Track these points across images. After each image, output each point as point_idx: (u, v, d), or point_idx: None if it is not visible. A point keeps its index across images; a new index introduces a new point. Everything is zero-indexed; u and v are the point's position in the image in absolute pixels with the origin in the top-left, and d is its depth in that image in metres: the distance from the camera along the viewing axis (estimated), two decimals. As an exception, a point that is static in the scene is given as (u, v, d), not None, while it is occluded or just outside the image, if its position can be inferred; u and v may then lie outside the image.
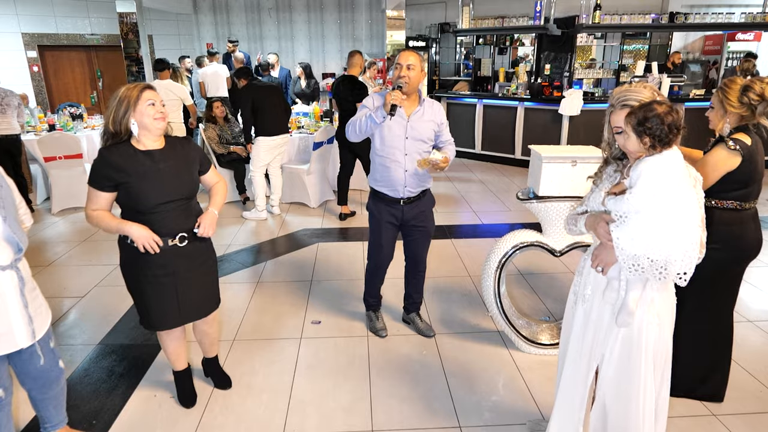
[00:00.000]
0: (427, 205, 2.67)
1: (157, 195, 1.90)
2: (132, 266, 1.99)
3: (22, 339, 1.70)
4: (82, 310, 3.21)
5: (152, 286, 1.99)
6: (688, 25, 6.97)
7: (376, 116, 2.37)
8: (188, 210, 2.03)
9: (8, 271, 1.64)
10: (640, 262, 1.41)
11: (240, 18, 9.86)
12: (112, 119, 1.86)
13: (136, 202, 1.89)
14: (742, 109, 1.97)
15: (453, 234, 4.53)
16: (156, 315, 2.05)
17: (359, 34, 10.04)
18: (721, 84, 2.06)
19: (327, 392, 2.42)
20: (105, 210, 1.93)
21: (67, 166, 5.08)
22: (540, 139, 6.57)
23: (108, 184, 1.87)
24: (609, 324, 1.58)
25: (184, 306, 2.08)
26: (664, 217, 1.38)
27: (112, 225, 1.90)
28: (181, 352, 2.27)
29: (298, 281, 3.60)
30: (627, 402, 1.59)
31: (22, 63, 8.68)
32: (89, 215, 1.92)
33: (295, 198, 5.36)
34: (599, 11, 6.54)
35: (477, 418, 2.24)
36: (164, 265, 1.98)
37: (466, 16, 7.80)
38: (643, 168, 1.42)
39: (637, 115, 1.42)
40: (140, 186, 1.87)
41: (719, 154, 1.96)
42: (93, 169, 1.89)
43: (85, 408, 2.30)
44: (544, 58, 7.18)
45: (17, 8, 8.56)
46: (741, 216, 2.06)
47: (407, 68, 2.39)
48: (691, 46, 9.12)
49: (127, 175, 1.86)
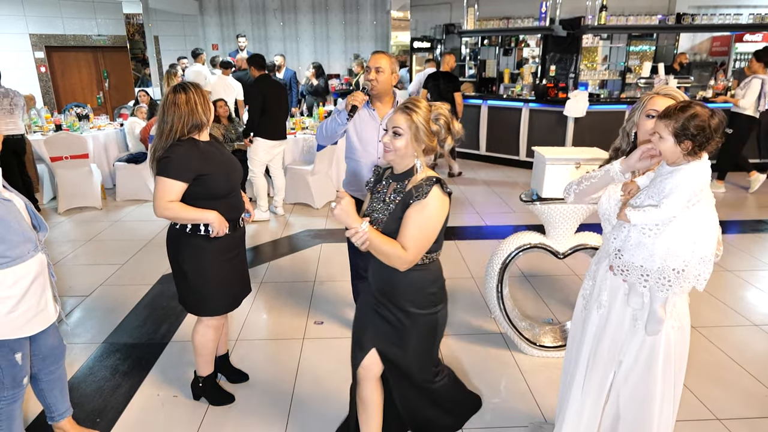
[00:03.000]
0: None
1: (230, 180, 2.07)
2: (202, 255, 2.06)
3: (53, 315, 1.85)
4: (87, 309, 3.24)
5: (222, 268, 2.11)
6: (695, 26, 6.93)
7: (339, 118, 2.42)
8: (241, 197, 2.19)
9: (41, 253, 1.78)
10: (666, 274, 1.41)
11: (245, 19, 9.90)
12: (185, 122, 1.96)
13: (213, 189, 2.00)
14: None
15: (456, 235, 4.52)
16: (224, 296, 2.17)
17: (364, 35, 10.06)
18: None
19: (329, 393, 2.42)
20: (179, 201, 1.98)
21: (73, 166, 5.12)
22: (545, 140, 6.55)
23: (190, 175, 1.95)
24: (629, 330, 1.55)
25: (241, 284, 2.26)
26: (693, 226, 1.38)
27: (191, 214, 1.98)
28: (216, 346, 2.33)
29: (301, 282, 3.61)
30: (642, 407, 1.56)
31: (29, 63, 8.76)
32: (166, 207, 1.94)
33: (299, 199, 5.37)
34: (605, 12, 6.51)
35: (479, 420, 2.23)
36: (235, 246, 2.16)
37: (471, 17, 7.80)
38: (683, 178, 1.37)
39: (679, 118, 1.34)
40: (219, 174, 2.01)
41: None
42: (173, 163, 1.92)
43: (89, 406, 2.31)
44: (549, 60, 7.16)
45: (25, 10, 8.64)
46: None
47: (376, 71, 2.40)
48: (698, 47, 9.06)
49: (210, 165, 1.98)
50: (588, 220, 2.50)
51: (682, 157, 1.38)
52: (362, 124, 2.48)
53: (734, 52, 8.57)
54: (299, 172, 5.24)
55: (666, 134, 1.37)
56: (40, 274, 1.77)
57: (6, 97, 4.79)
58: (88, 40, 9.17)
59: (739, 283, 3.53)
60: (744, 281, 3.55)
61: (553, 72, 7.03)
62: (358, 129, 2.48)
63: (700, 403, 2.30)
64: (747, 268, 3.74)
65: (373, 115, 2.47)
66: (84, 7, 9.02)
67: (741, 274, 3.64)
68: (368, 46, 10.06)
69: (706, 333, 2.86)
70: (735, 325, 3.00)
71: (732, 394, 2.36)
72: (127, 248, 4.19)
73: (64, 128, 5.71)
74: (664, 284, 1.42)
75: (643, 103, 1.58)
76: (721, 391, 2.39)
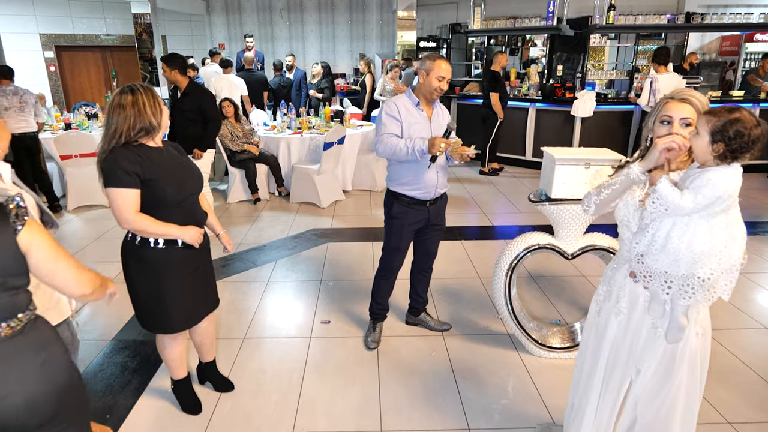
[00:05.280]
0: (444, 204, 2.70)
1: (184, 188, 1.92)
2: (158, 269, 1.93)
3: (67, 309, 1.85)
4: (96, 306, 3.26)
5: (179, 285, 1.97)
6: (704, 25, 6.87)
7: (419, 155, 2.34)
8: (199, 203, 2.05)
9: None
10: (691, 282, 1.38)
11: (252, 19, 9.94)
12: (131, 125, 1.81)
13: (162, 197, 1.84)
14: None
15: (463, 236, 4.51)
16: (179, 314, 2.03)
17: (370, 35, 10.06)
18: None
19: (336, 392, 2.43)
20: (143, 213, 1.84)
21: (82, 165, 5.16)
22: (551, 140, 6.52)
23: (137, 179, 1.80)
24: (648, 337, 1.52)
25: (203, 300, 2.13)
26: (723, 234, 1.34)
27: (161, 229, 1.84)
28: (184, 358, 2.27)
29: (307, 281, 3.62)
30: (660, 414, 1.54)
31: (39, 63, 8.83)
32: (132, 219, 1.81)
33: (305, 198, 5.38)
34: (613, 11, 6.47)
35: (486, 420, 2.23)
36: (193, 261, 2.00)
37: (477, 16, 7.77)
38: (712, 177, 1.31)
39: (720, 119, 1.29)
40: (168, 180, 1.86)
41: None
42: (116, 170, 1.77)
43: (99, 403, 2.33)
44: (556, 59, 7.13)
45: (36, 9, 8.72)
46: None
47: (447, 82, 2.42)
48: (708, 47, 8.98)
49: (157, 171, 1.83)
50: (597, 221, 2.48)
51: (712, 159, 1.32)
52: (414, 125, 2.46)
53: (744, 52, 8.48)
54: (305, 172, 5.25)
55: (704, 131, 1.32)
56: None
57: (16, 95, 4.84)
58: (97, 40, 9.24)
59: (750, 285, 3.49)
60: (754, 283, 3.52)
61: (560, 72, 7.00)
62: (410, 131, 2.46)
63: (710, 407, 2.28)
64: (757, 270, 3.71)
65: (423, 115, 2.49)
66: (93, 7, 9.08)
67: (751, 276, 3.61)
68: (374, 45, 10.06)
69: (716, 335, 2.81)
70: (745, 327, 2.97)
71: (743, 398, 2.34)
72: (135, 246, 4.22)
73: (73, 127, 5.75)
74: (687, 292, 1.38)
75: (657, 109, 1.51)
76: (732, 395, 2.37)
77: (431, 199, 2.57)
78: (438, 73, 2.40)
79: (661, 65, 5.66)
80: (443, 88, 2.44)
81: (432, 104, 2.56)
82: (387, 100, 2.54)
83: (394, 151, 2.39)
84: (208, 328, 2.30)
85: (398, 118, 2.44)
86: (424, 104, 2.51)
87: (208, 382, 2.46)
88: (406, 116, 2.46)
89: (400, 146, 2.37)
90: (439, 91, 2.43)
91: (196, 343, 2.34)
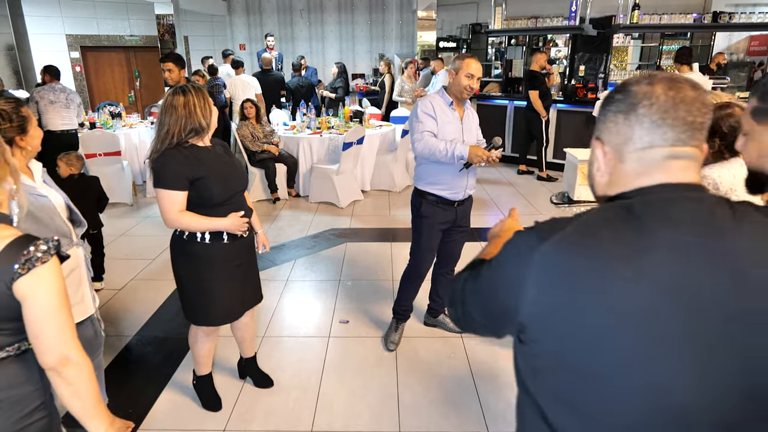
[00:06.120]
0: (470, 206, 2.70)
1: (229, 186, 1.99)
2: (204, 264, 2.01)
3: (91, 307, 1.89)
4: (119, 303, 3.32)
5: (225, 279, 2.05)
6: (731, 25, 6.67)
7: (456, 160, 2.36)
8: (245, 200, 2.12)
9: (76, 248, 1.82)
10: None
11: (272, 19, 10.03)
12: (183, 126, 1.87)
13: (209, 195, 1.91)
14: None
15: (482, 237, 4.47)
16: (223, 308, 2.11)
17: (389, 35, 10.06)
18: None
19: (355, 392, 2.43)
20: (187, 211, 1.93)
21: (106, 163, 5.27)
22: (573, 141, 6.42)
23: (185, 182, 1.88)
24: None
25: (245, 296, 2.19)
26: None
27: (204, 223, 1.93)
28: (212, 355, 2.31)
29: (326, 280, 3.63)
30: None
31: (65, 63, 9.06)
32: (176, 219, 1.90)
33: (324, 198, 5.41)
34: (638, 11, 6.34)
35: (506, 424, 2.20)
36: (238, 255, 2.07)
37: (498, 16, 7.71)
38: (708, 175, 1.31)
39: (713, 115, 1.30)
40: (214, 178, 1.92)
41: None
42: (166, 172, 1.85)
43: (122, 397, 2.37)
44: (578, 59, 7.02)
45: (62, 11, 8.95)
46: None
47: (477, 80, 2.42)
48: (735, 46, 8.74)
49: (204, 169, 1.90)
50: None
51: (710, 157, 1.33)
52: (447, 125, 2.45)
53: (774, 52, 8.24)
54: (324, 171, 5.27)
55: None
56: (76, 268, 1.81)
57: (63, 93, 5.06)
58: (121, 41, 9.44)
59: None
60: None
61: (582, 72, 6.89)
62: (443, 130, 2.45)
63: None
64: None
65: (455, 115, 2.50)
66: (118, 8, 9.28)
67: None
68: (394, 45, 10.05)
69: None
70: None
71: None
72: (158, 243, 4.28)
73: (98, 126, 5.89)
74: None
75: None
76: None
77: (459, 200, 2.56)
78: (467, 71, 2.39)
79: (684, 65, 5.52)
80: (473, 86, 2.42)
81: (463, 105, 2.55)
82: (422, 98, 2.53)
83: (432, 151, 2.38)
84: (249, 323, 2.34)
85: (434, 116, 2.44)
86: (457, 104, 2.50)
87: (248, 377, 2.50)
88: (441, 115, 2.45)
89: (440, 148, 2.37)
90: (469, 90, 2.41)
91: (238, 339, 2.39)
